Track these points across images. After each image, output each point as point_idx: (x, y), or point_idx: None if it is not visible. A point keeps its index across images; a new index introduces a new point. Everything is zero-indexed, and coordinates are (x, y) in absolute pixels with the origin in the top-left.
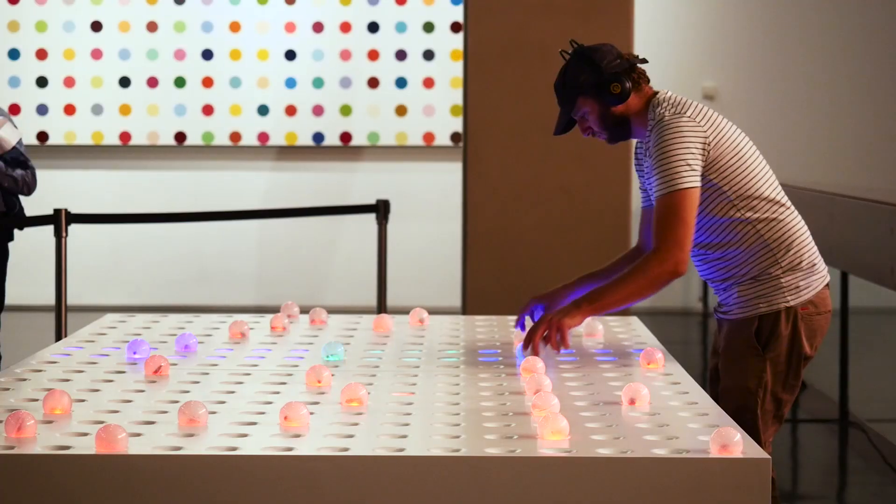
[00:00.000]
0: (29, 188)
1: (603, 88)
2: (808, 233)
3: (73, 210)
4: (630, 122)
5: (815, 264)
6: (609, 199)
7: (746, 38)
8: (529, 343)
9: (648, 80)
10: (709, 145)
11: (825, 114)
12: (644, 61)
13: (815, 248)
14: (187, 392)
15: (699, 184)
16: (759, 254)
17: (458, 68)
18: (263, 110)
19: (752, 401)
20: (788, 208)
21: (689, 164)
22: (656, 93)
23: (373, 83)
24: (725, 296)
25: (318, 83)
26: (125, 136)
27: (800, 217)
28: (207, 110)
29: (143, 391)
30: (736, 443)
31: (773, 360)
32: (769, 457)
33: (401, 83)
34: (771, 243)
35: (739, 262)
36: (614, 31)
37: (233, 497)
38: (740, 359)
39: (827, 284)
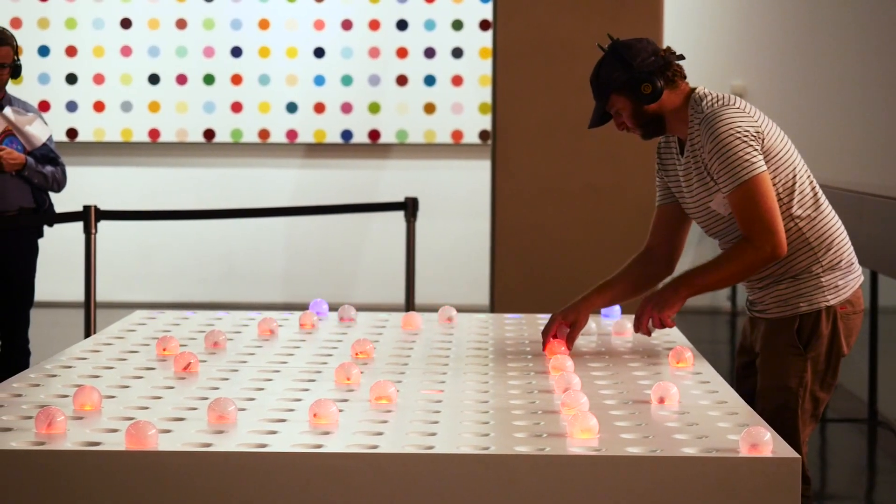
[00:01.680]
0: (59, 185)
1: (635, 87)
2: (845, 230)
3: (103, 207)
4: (664, 119)
5: (853, 263)
6: (637, 197)
7: (776, 36)
8: (638, 329)
9: (685, 77)
10: (761, 135)
11: (855, 112)
12: (681, 57)
13: (852, 246)
14: (217, 389)
15: (765, 167)
16: (800, 252)
17: (486, 66)
18: (292, 107)
19: (792, 400)
20: (826, 205)
21: (753, 149)
22: (693, 89)
23: (401, 81)
24: (762, 294)
25: (346, 80)
26: (154, 133)
27: (836, 214)
28: (236, 107)
29: (172, 388)
30: (766, 442)
31: (813, 359)
32: (799, 456)
33: (429, 81)
34: (812, 242)
35: (780, 261)
36: (644, 29)
37: (262, 494)
38: (781, 358)
39: (860, 283)
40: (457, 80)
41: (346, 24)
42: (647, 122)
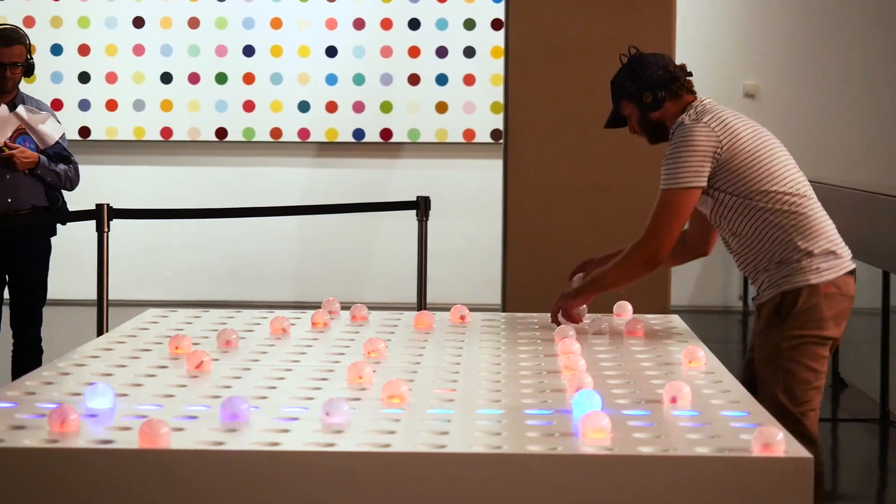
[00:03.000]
0: (72, 183)
1: (639, 96)
2: (831, 224)
3: (115, 205)
4: (666, 127)
5: (834, 252)
6: (648, 197)
7: (788, 36)
8: (552, 321)
9: (692, 92)
10: (721, 150)
11: (865, 112)
12: (689, 74)
13: (838, 237)
14: (229, 387)
15: (701, 185)
16: (778, 240)
17: (498, 66)
18: (304, 106)
19: (773, 369)
20: (808, 199)
21: (693, 167)
22: (694, 101)
23: (413, 80)
24: (758, 284)
25: (358, 80)
26: (166, 132)
27: (821, 210)
28: (248, 106)
29: (185, 386)
30: (778, 442)
31: (792, 329)
32: (811, 456)
33: (441, 80)
34: (789, 230)
35: (761, 250)
36: (655, 30)
37: (274, 492)
38: (765, 333)
39: (850, 272)
40: (469, 80)
41: (358, 24)
42: (651, 128)
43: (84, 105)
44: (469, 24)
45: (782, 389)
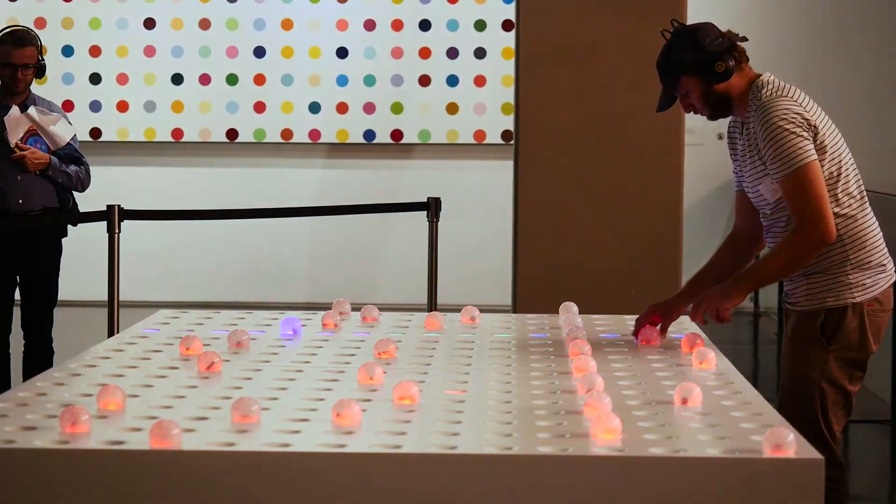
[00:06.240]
0: (83, 184)
1: (706, 67)
2: (881, 233)
3: (126, 206)
4: (731, 101)
5: (883, 265)
6: (660, 198)
7: (804, 32)
8: (694, 318)
9: (748, 60)
10: (815, 128)
11: (877, 113)
12: (744, 39)
13: (885, 248)
14: (240, 388)
15: (816, 156)
16: (833, 248)
17: (509, 66)
18: (315, 108)
19: (813, 391)
20: (866, 205)
21: (804, 138)
22: (759, 75)
23: (424, 81)
24: (794, 286)
25: (369, 81)
26: (177, 133)
27: (874, 216)
28: (259, 107)
29: (195, 387)
30: (789, 443)
31: (837, 351)
32: (822, 458)
33: (452, 81)
34: (846, 240)
35: None
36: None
37: (285, 493)
38: (804, 350)
39: (893, 283)
40: (479, 81)
41: (369, 25)
42: (714, 102)
43: (95, 106)
44: (480, 25)
45: (821, 412)
